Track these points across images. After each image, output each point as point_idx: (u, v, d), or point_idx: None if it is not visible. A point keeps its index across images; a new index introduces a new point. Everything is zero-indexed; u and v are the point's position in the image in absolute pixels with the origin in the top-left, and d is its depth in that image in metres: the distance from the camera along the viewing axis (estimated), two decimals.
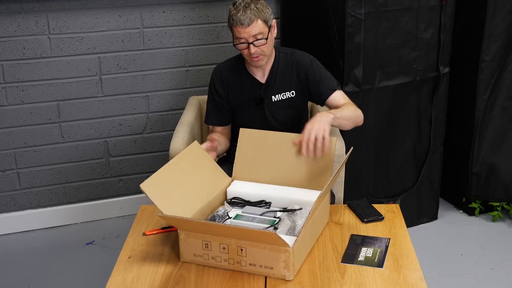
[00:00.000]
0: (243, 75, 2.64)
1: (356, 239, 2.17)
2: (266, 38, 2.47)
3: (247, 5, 2.44)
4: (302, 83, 2.63)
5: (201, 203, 2.17)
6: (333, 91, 2.60)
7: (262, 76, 2.63)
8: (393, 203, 2.84)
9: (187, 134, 2.74)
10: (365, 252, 2.09)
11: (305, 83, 2.62)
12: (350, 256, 2.08)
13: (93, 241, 3.47)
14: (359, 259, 2.06)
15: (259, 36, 2.46)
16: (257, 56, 2.50)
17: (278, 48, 2.66)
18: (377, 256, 2.07)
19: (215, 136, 2.55)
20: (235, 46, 2.51)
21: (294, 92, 2.64)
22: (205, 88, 2.81)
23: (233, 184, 2.35)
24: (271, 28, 2.51)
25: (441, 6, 3.17)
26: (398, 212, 2.35)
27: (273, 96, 2.63)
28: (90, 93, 3.47)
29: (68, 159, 3.55)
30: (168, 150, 2.67)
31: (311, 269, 2.01)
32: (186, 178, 2.19)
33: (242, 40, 2.47)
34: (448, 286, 3.05)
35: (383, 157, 3.35)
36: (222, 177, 2.35)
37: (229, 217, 2.16)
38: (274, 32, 2.55)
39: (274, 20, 2.54)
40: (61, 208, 3.62)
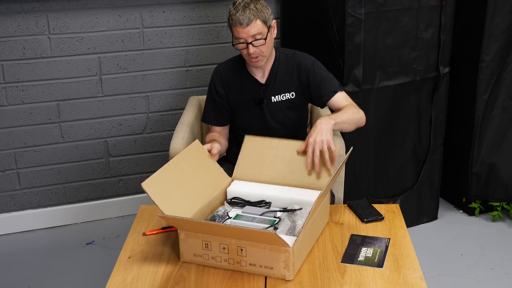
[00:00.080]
0: (243, 75, 2.64)
1: (356, 239, 2.17)
2: (265, 39, 2.47)
3: (247, 5, 2.43)
4: (303, 85, 2.62)
5: (201, 203, 2.18)
6: (335, 93, 2.60)
7: (262, 77, 2.63)
8: (393, 203, 2.84)
9: (187, 134, 2.74)
10: (365, 252, 2.09)
11: (306, 85, 2.62)
12: (350, 256, 2.07)
13: (93, 241, 3.46)
14: (359, 259, 2.06)
15: (258, 36, 2.45)
16: (256, 57, 2.50)
17: (279, 49, 2.65)
18: (377, 256, 2.07)
19: (215, 145, 2.42)
20: (234, 46, 2.51)
21: (294, 94, 2.64)
22: (205, 88, 2.80)
23: (233, 184, 2.35)
24: (271, 29, 2.51)
25: (441, 6, 3.17)
26: (398, 212, 2.35)
27: (273, 97, 2.63)
28: (90, 93, 3.47)
29: (68, 159, 3.55)
30: (168, 150, 2.67)
31: (311, 269, 2.01)
32: (187, 178, 2.19)
33: (241, 40, 2.46)
34: (448, 286, 3.05)
35: (383, 157, 3.35)
36: (223, 177, 2.35)
37: (229, 217, 2.16)
38: (274, 33, 2.55)
39: (274, 21, 2.53)
40: (61, 208, 3.62)
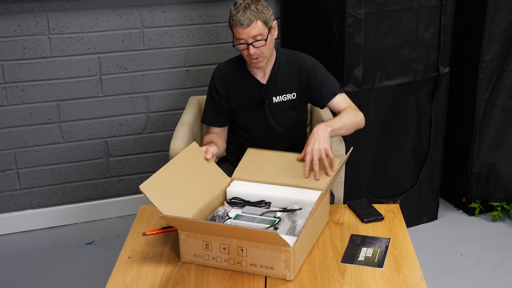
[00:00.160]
0: (244, 76, 2.63)
1: (356, 239, 2.17)
2: (266, 40, 2.46)
3: (247, 6, 2.42)
4: (304, 86, 2.62)
5: (201, 204, 2.17)
6: (335, 95, 2.60)
7: (263, 77, 2.62)
8: (393, 203, 2.84)
9: (187, 134, 2.73)
10: (365, 252, 2.09)
11: (307, 86, 2.62)
12: (350, 256, 2.08)
13: (93, 241, 3.46)
14: (359, 259, 2.06)
15: (259, 37, 2.45)
16: (257, 58, 2.49)
17: (279, 49, 2.65)
18: (377, 256, 2.07)
19: (210, 148, 2.40)
20: (235, 47, 2.50)
21: (295, 94, 2.63)
22: (205, 88, 2.80)
23: (233, 184, 2.35)
24: (271, 30, 2.49)
25: (441, 6, 3.17)
26: (398, 212, 2.35)
27: (274, 97, 2.63)
28: (90, 93, 3.47)
29: (68, 159, 3.55)
30: (168, 150, 2.67)
31: (311, 269, 2.01)
32: (186, 179, 2.19)
33: (242, 41, 2.46)
34: (448, 286, 3.05)
35: (383, 157, 3.35)
36: (222, 177, 2.35)
37: (229, 217, 2.16)
38: (275, 34, 2.54)
39: (275, 22, 2.52)
40: (61, 208, 3.62)
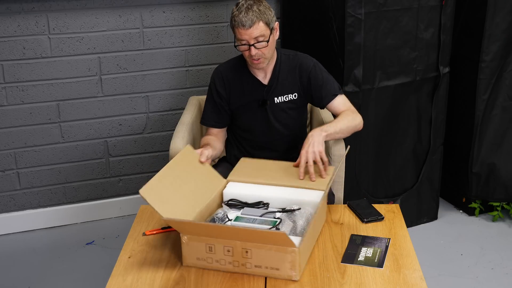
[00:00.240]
0: (245, 76, 2.63)
1: (356, 239, 2.17)
2: (267, 41, 2.45)
3: (250, 7, 2.41)
4: (305, 86, 2.62)
5: (200, 206, 2.17)
6: (335, 96, 2.60)
7: (264, 77, 2.62)
8: (393, 203, 2.84)
9: (187, 134, 2.73)
10: (365, 252, 2.09)
11: (307, 86, 2.62)
12: (350, 256, 2.07)
13: (93, 241, 3.46)
14: (359, 259, 2.06)
15: (260, 39, 2.44)
16: (258, 59, 2.48)
17: (280, 50, 2.64)
18: (377, 256, 2.07)
19: (205, 151, 2.39)
20: (236, 48, 2.50)
21: (297, 95, 2.63)
22: (205, 88, 2.80)
23: (229, 186, 2.33)
24: (273, 31, 2.49)
25: (441, 6, 3.17)
26: (398, 212, 2.35)
27: (276, 98, 2.62)
28: (90, 93, 3.47)
29: (68, 159, 3.55)
30: (168, 150, 2.67)
31: (311, 269, 2.01)
32: (183, 182, 2.19)
33: (243, 42, 2.45)
34: (448, 286, 3.05)
35: (383, 157, 3.35)
36: (217, 179, 2.34)
37: (229, 219, 2.15)
38: (276, 35, 2.53)
39: (277, 23, 2.51)
40: (61, 208, 3.62)
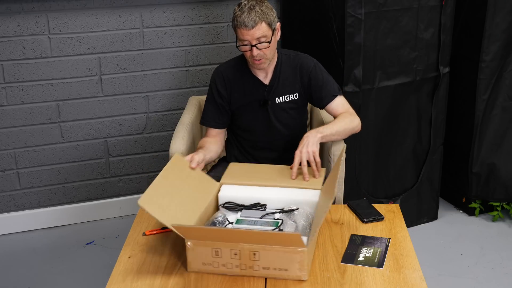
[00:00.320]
0: (246, 76, 2.63)
1: (356, 239, 2.17)
2: (270, 42, 2.45)
3: (252, 7, 2.41)
4: (305, 86, 2.62)
5: (199, 211, 2.16)
6: (335, 97, 2.61)
7: (265, 77, 2.62)
8: (393, 203, 2.84)
9: (187, 134, 2.73)
10: (365, 252, 2.09)
11: (308, 86, 2.62)
12: (350, 256, 2.07)
13: (93, 241, 3.46)
14: (359, 259, 2.06)
15: (263, 39, 2.44)
16: (260, 59, 2.48)
17: (280, 50, 2.64)
18: (377, 256, 2.07)
19: (195, 157, 2.37)
20: (238, 48, 2.49)
21: (298, 95, 2.64)
22: (205, 88, 2.80)
23: (223, 189, 2.32)
24: (275, 31, 2.48)
25: (441, 6, 3.17)
26: (398, 212, 2.35)
27: (277, 98, 2.62)
28: (90, 93, 3.47)
29: (68, 159, 3.55)
30: (168, 150, 2.67)
31: (311, 269, 2.01)
32: (178, 190, 2.19)
33: (245, 42, 2.45)
34: (448, 286, 3.05)
35: (383, 157, 3.35)
36: (211, 183, 2.34)
37: (230, 222, 2.15)
38: (278, 35, 2.53)
39: (279, 23, 2.51)
40: (61, 208, 3.62)
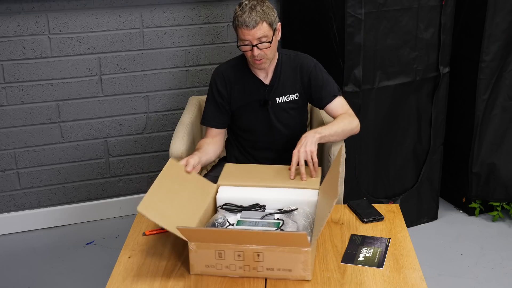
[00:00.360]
0: (246, 76, 2.62)
1: (356, 239, 2.17)
2: (271, 42, 2.45)
3: (253, 7, 2.41)
4: (305, 86, 2.62)
5: (199, 214, 2.16)
6: (334, 97, 2.61)
7: (266, 77, 2.62)
8: (393, 203, 2.84)
9: (187, 134, 2.73)
10: (365, 252, 2.09)
11: (308, 87, 2.62)
12: (350, 256, 2.07)
13: (93, 241, 3.46)
14: (359, 259, 2.06)
15: (264, 39, 2.44)
16: (260, 59, 2.48)
17: (280, 50, 2.64)
18: (377, 256, 2.07)
19: (190, 160, 2.36)
20: (239, 48, 2.49)
21: (298, 95, 2.64)
22: (205, 88, 2.80)
23: (221, 191, 2.32)
24: (276, 31, 2.49)
25: (441, 6, 3.17)
26: (398, 212, 2.35)
27: (277, 98, 2.62)
28: (90, 93, 3.47)
29: (68, 159, 3.55)
30: (168, 150, 2.67)
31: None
32: (176, 194, 2.19)
33: (246, 42, 2.45)
34: (448, 286, 3.05)
35: (383, 157, 3.35)
36: (208, 186, 2.34)
37: (230, 224, 2.15)
38: (279, 35, 2.53)
39: (279, 23, 2.51)
40: (61, 208, 3.62)
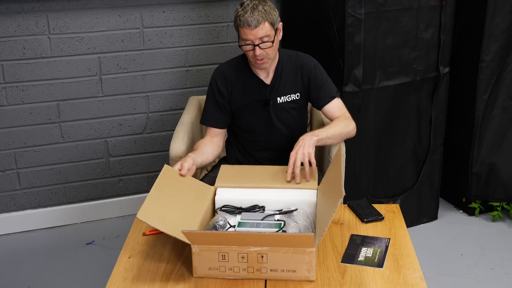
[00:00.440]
0: (247, 76, 2.62)
1: (356, 239, 2.17)
2: (272, 41, 2.45)
3: (255, 7, 2.41)
4: (305, 86, 2.63)
5: (199, 217, 2.16)
6: (332, 99, 2.61)
7: (266, 77, 2.62)
8: (393, 203, 2.84)
9: (187, 134, 2.73)
10: (365, 252, 2.09)
11: (307, 86, 2.62)
12: (350, 256, 2.08)
13: (93, 241, 3.46)
14: (359, 259, 2.06)
15: (265, 39, 2.44)
16: (262, 59, 2.48)
17: (281, 50, 2.64)
18: (377, 256, 2.07)
19: (185, 164, 2.35)
20: (241, 47, 2.49)
21: (299, 94, 2.64)
22: (205, 88, 2.80)
23: (219, 193, 2.31)
24: (277, 31, 2.49)
25: (441, 6, 3.17)
26: (398, 212, 2.35)
27: (278, 98, 2.62)
28: (90, 93, 3.47)
29: (68, 159, 3.55)
30: (168, 150, 2.67)
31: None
32: (174, 199, 2.19)
33: (248, 42, 2.45)
34: (448, 286, 3.05)
35: (383, 157, 3.35)
36: (206, 188, 2.33)
37: (231, 226, 2.15)
38: (280, 35, 2.53)
39: (281, 23, 2.51)
40: (61, 208, 3.62)
